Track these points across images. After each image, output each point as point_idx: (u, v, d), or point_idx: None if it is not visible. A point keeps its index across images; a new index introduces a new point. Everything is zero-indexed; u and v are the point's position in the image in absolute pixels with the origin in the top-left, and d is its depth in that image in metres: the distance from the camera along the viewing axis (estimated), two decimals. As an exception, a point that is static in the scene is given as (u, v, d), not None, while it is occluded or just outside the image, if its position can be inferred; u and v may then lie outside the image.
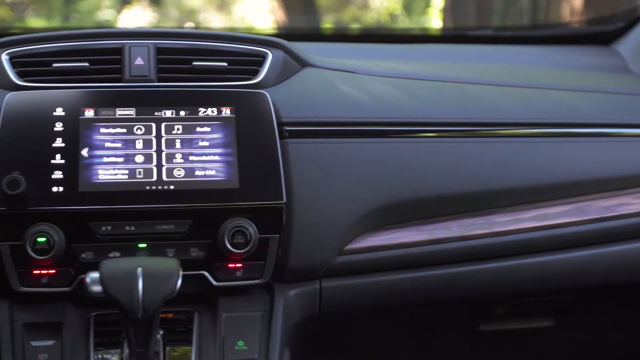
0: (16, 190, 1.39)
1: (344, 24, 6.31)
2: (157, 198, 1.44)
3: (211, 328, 1.48)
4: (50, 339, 1.43)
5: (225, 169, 1.47)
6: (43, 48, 1.60)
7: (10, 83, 1.54)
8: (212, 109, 1.52)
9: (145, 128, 1.49)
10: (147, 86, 1.57)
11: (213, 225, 1.44)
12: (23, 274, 1.42)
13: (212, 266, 1.47)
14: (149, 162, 1.47)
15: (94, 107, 1.50)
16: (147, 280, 1.28)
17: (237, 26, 6.48)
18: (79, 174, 1.44)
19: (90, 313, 1.47)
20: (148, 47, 1.60)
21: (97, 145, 1.47)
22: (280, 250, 1.49)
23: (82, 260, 1.43)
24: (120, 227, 1.43)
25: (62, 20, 6.17)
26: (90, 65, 1.58)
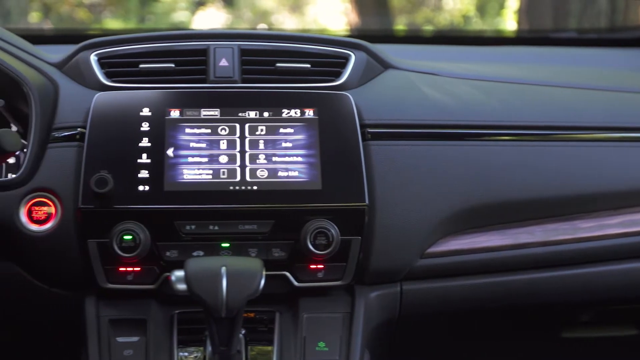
0: (104, 188, 1.42)
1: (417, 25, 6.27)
2: (241, 198, 1.45)
3: (292, 328, 1.49)
4: (135, 335, 1.46)
5: (308, 170, 1.48)
6: (130, 49, 1.63)
7: (98, 83, 1.57)
8: (295, 110, 1.53)
9: (230, 129, 1.51)
10: (231, 87, 1.58)
11: (295, 226, 1.45)
12: (109, 271, 1.45)
13: (293, 267, 1.48)
14: (233, 162, 1.48)
15: (179, 108, 1.52)
16: (231, 279, 1.29)
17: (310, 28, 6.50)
18: (164, 173, 1.46)
19: (174, 311, 1.49)
20: (232, 48, 1.62)
21: (182, 145, 1.49)
22: (362, 252, 1.48)
23: (167, 259, 1.45)
24: (204, 226, 1.45)
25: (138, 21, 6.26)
26: (175, 66, 1.60)
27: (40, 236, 1.45)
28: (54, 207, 1.46)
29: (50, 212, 1.46)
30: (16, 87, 1.52)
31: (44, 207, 1.46)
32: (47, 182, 1.47)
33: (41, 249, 1.46)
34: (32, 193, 1.46)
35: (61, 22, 6.00)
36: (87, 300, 1.48)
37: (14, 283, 1.50)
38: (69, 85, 1.58)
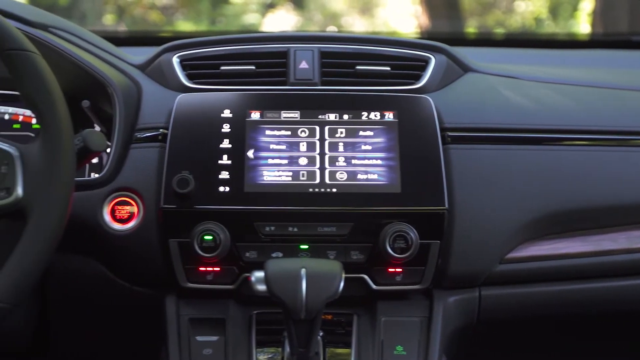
0: (185, 189, 1.43)
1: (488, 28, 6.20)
2: (320, 200, 1.46)
3: (370, 331, 1.49)
4: (214, 334, 1.47)
5: (387, 173, 1.48)
6: (212, 51, 1.65)
7: (180, 85, 1.59)
8: (375, 113, 1.53)
9: (309, 131, 1.51)
10: (311, 89, 1.59)
11: (374, 229, 1.45)
12: (189, 270, 1.47)
13: (371, 270, 1.47)
14: (312, 164, 1.49)
15: (259, 110, 1.53)
16: (311, 281, 1.29)
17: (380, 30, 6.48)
18: (244, 174, 1.47)
19: (252, 311, 1.50)
20: (312, 51, 1.62)
21: (262, 146, 1.50)
22: (441, 257, 1.48)
23: (246, 259, 1.46)
24: (284, 227, 1.46)
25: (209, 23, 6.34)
26: (256, 68, 1.61)
27: (123, 235, 1.48)
28: (136, 207, 1.49)
29: (133, 212, 1.49)
30: (101, 88, 1.55)
31: (126, 207, 1.49)
32: (130, 181, 1.49)
33: (123, 248, 1.48)
34: (115, 192, 1.49)
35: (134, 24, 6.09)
36: (168, 299, 1.50)
37: (96, 281, 1.53)
38: (151, 86, 1.61)
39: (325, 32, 1.75)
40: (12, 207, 1.23)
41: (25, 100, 1.26)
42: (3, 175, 1.24)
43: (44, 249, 1.20)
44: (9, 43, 1.25)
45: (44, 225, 1.20)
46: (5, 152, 1.25)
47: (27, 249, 1.20)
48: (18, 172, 1.24)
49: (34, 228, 1.20)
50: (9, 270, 1.18)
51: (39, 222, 1.20)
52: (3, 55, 1.26)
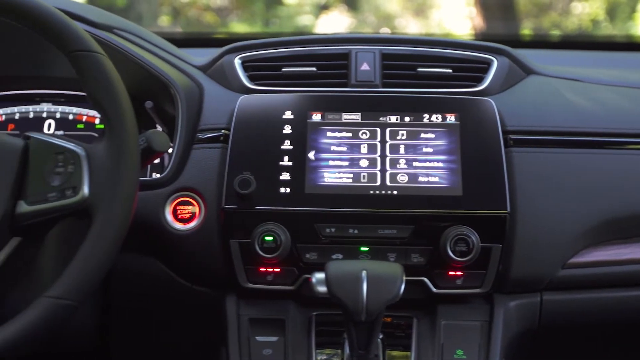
0: (247, 189, 1.44)
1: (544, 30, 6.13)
2: (381, 203, 1.45)
3: (430, 335, 1.48)
4: (274, 335, 1.48)
5: (448, 176, 1.47)
6: (273, 53, 1.66)
7: (241, 86, 1.60)
8: (436, 115, 1.52)
9: (370, 133, 1.51)
10: (373, 91, 1.59)
11: (435, 232, 1.44)
12: (250, 270, 1.48)
13: (432, 273, 1.47)
14: (373, 166, 1.48)
15: (321, 111, 1.53)
16: (372, 283, 1.29)
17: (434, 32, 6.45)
18: (305, 176, 1.47)
19: (312, 312, 1.51)
20: (374, 52, 1.62)
21: (323, 148, 1.50)
22: (502, 261, 1.46)
23: (306, 260, 1.46)
24: (344, 229, 1.46)
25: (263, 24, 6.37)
26: (317, 70, 1.62)
27: (185, 235, 1.49)
28: (197, 207, 1.50)
29: (194, 212, 1.50)
30: (163, 89, 1.57)
31: (188, 207, 1.50)
32: (192, 182, 1.51)
33: (185, 247, 1.49)
34: (177, 192, 1.50)
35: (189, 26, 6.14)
36: (228, 299, 1.51)
37: (158, 280, 1.54)
38: (213, 87, 1.62)
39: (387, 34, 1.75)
40: (78, 205, 1.25)
41: (92, 101, 1.28)
42: (70, 174, 1.26)
43: (109, 247, 1.21)
44: (76, 44, 1.27)
45: (110, 224, 1.22)
46: (72, 151, 1.27)
47: (92, 248, 1.21)
48: (84, 172, 1.26)
49: (100, 227, 1.22)
50: (75, 268, 1.20)
51: (105, 221, 1.22)
52: (70, 56, 1.27)
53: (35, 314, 1.18)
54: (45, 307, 1.18)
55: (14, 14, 1.27)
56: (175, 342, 1.69)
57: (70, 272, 1.20)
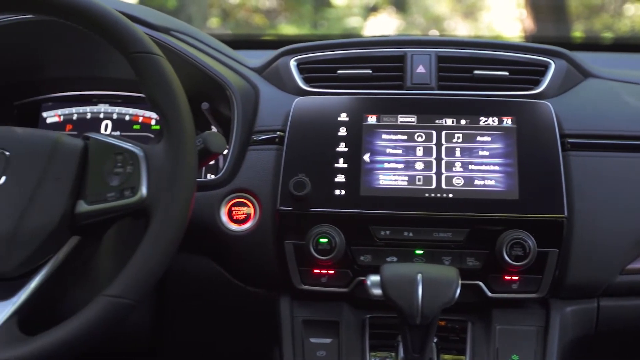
0: (302, 191, 1.45)
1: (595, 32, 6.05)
2: (436, 206, 1.45)
3: (484, 339, 1.47)
4: (328, 337, 1.48)
5: (505, 180, 1.46)
6: (328, 55, 1.66)
7: (297, 88, 1.61)
8: (493, 118, 1.51)
9: (426, 135, 1.51)
10: (428, 94, 1.58)
11: (490, 236, 1.43)
12: (304, 272, 1.48)
13: (487, 277, 1.46)
14: (429, 169, 1.48)
15: (376, 114, 1.53)
16: (427, 286, 1.29)
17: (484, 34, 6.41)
18: (360, 178, 1.47)
19: (366, 315, 1.50)
20: (430, 55, 1.62)
21: (378, 150, 1.50)
22: (559, 265, 1.44)
23: (361, 263, 1.46)
24: (399, 232, 1.45)
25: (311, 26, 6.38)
26: (372, 72, 1.62)
27: (240, 236, 1.50)
28: (252, 208, 1.51)
29: (249, 213, 1.51)
30: (220, 91, 1.58)
31: (243, 208, 1.51)
32: (247, 183, 1.51)
33: (240, 248, 1.50)
34: (232, 194, 1.51)
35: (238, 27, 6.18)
36: (282, 300, 1.51)
37: (212, 281, 1.55)
38: (268, 89, 1.63)
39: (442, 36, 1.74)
40: (137, 206, 1.26)
41: (150, 102, 1.29)
42: (128, 174, 1.27)
43: (166, 247, 1.22)
44: (135, 46, 1.28)
45: (167, 225, 1.22)
46: (131, 152, 1.28)
47: (150, 247, 1.22)
48: (142, 172, 1.27)
49: (158, 227, 1.22)
50: (133, 267, 1.21)
51: (163, 221, 1.23)
52: (130, 57, 1.29)
53: (94, 313, 1.19)
54: (104, 306, 1.19)
55: (75, 17, 1.29)
56: (229, 343, 1.69)
57: (128, 271, 1.21)
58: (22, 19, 1.59)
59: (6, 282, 1.25)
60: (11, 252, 1.24)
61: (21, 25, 1.60)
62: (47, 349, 1.18)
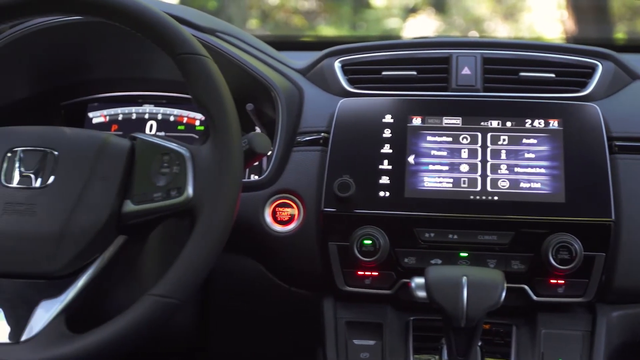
0: (346, 193, 1.45)
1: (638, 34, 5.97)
2: (481, 208, 1.44)
3: (529, 343, 1.46)
4: (371, 338, 1.48)
5: (551, 183, 1.44)
6: (373, 56, 1.66)
7: (341, 90, 1.61)
8: (539, 120, 1.50)
9: (471, 137, 1.50)
10: (473, 96, 1.57)
11: (536, 239, 1.42)
12: (348, 274, 1.48)
13: (532, 280, 1.44)
14: (474, 171, 1.47)
15: (421, 115, 1.52)
16: (472, 289, 1.28)
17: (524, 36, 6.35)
18: (405, 180, 1.47)
19: (409, 317, 1.50)
20: (475, 57, 1.61)
21: (423, 152, 1.49)
22: (605, 270, 1.43)
23: (405, 265, 1.46)
24: (444, 234, 1.45)
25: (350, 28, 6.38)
26: (417, 73, 1.61)
27: (284, 236, 1.50)
28: (296, 209, 1.51)
29: (293, 214, 1.51)
30: (264, 92, 1.58)
31: (287, 209, 1.51)
32: (291, 184, 1.52)
33: (283, 249, 1.51)
34: (276, 194, 1.52)
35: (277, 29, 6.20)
36: (326, 302, 1.51)
37: (256, 281, 1.56)
38: (312, 91, 1.63)
39: (487, 38, 1.73)
40: (183, 206, 1.27)
41: (197, 103, 1.30)
42: (175, 175, 1.28)
43: (212, 247, 1.23)
44: (182, 47, 1.29)
45: (214, 225, 1.23)
46: (177, 152, 1.29)
47: (196, 247, 1.22)
48: (189, 173, 1.27)
49: (204, 227, 1.23)
50: (179, 267, 1.22)
51: (209, 222, 1.23)
52: (177, 59, 1.29)
53: (140, 312, 1.20)
54: (150, 305, 1.20)
55: (122, 18, 1.30)
56: (272, 343, 1.70)
57: (174, 271, 1.21)
58: (70, 21, 1.61)
59: (54, 281, 1.27)
60: (59, 251, 1.25)
61: (69, 27, 1.62)
62: (94, 347, 1.19)
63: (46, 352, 1.19)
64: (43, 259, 1.25)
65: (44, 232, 1.25)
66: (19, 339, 1.22)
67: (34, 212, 1.27)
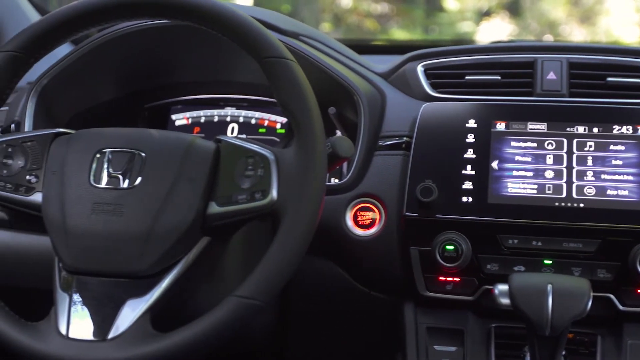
0: (429, 198, 1.44)
1: None
2: (566, 215, 1.42)
3: (615, 354, 1.43)
4: (452, 345, 1.47)
5: (639, 190, 1.41)
6: (456, 61, 1.65)
7: (424, 94, 1.60)
8: (627, 126, 1.47)
9: (556, 143, 1.48)
10: (559, 101, 1.55)
11: (623, 248, 1.39)
12: (429, 279, 1.47)
13: (619, 289, 1.42)
14: (559, 178, 1.45)
15: (505, 120, 1.51)
16: (558, 297, 1.26)
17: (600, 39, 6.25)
18: (488, 185, 1.46)
19: (491, 324, 1.49)
20: (561, 61, 1.59)
21: (507, 158, 1.48)
22: None
23: (487, 271, 1.44)
24: (527, 241, 1.43)
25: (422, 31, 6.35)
26: (501, 78, 1.59)
27: (364, 240, 1.50)
28: (377, 213, 1.51)
29: (375, 218, 1.51)
30: (347, 95, 1.58)
31: (368, 213, 1.51)
32: (373, 188, 1.52)
33: (364, 253, 1.51)
34: (358, 198, 1.52)
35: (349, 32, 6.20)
36: (406, 307, 1.51)
37: (336, 284, 1.56)
38: (395, 95, 1.63)
39: (573, 42, 1.70)
40: (267, 208, 1.27)
41: (282, 106, 1.30)
42: (259, 177, 1.28)
43: (296, 250, 1.23)
44: (269, 51, 1.29)
45: (298, 228, 1.23)
46: (262, 155, 1.30)
47: (280, 250, 1.23)
48: (273, 175, 1.28)
49: (288, 229, 1.23)
50: (263, 269, 1.22)
51: (293, 224, 1.23)
52: (262, 62, 1.30)
53: (224, 313, 1.21)
54: (235, 306, 1.21)
55: (210, 22, 1.31)
56: (351, 346, 1.70)
57: (258, 272, 1.22)
58: (156, 25, 1.64)
59: (140, 280, 1.28)
60: (146, 251, 1.27)
61: (155, 30, 1.65)
62: (179, 346, 1.20)
63: (133, 350, 1.20)
64: (130, 259, 1.27)
65: (131, 232, 1.27)
66: (106, 337, 1.24)
67: (121, 213, 1.28)
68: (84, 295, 1.27)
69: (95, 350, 1.22)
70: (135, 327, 1.24)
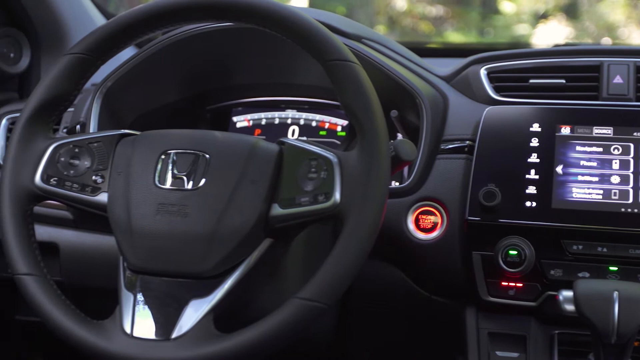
0: (492, 202, 1.43)
1: None
2: (633, 221, 1.40)
3: None
4: (514, 351, 1.46)
5: None
6: (520, 64, 1.63)
7: (487, 97, 1.59)
8: None
9: (623, 148, 1.45)
10: (626, 105, 1.53)
11: None
12: (491, 284, 1.46)
13: None
14: (625, 183, 1.43)
15: (570, 125, 1.49)
16: (624, 305, 1.25)
17: (660, 42, 6.13)
18: (552, 190, 1.44)
19: (554, 330, 1.47)
20: (628, 65, 1.56)
21: (572, 163, 1.46)
22: None
23: (550, 277, 1.43)
24: (592, 247, 1.41)
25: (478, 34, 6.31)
26: (566, 82, 1.57)
27: (426, 244, 1.49)
28: (439, 217, 1.50)
29: (436, 222, 1.50)
30: (409, 98, 1.58)
31: (430, 216, 1.50)
32: (435, 192, 1.51)
33: (426, 257, 1.50)
34: (420, 202, 1.51)
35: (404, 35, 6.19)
36: (468, 311, 1.50)
37: (396, 288, 1.56)
38: (457, 98, 1.62)
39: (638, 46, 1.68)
40: (329, 211, 1.27)
41: (346, 109, 1.30)
42: (322, 180, 1.28)
43: (359, 253, 1.23)
44: (333, 54, 1.29)
45: (360, 230, 1.23)
46: (325, 158, 1.30)
47: (343, 252, 1.22)
48: (336, 178, 1.28)
49: (351, 232, 1.23)
50: (327, 271, 1.22)
51: (356, 227, 1.23)
52: (327, 65, 1.30)
53: (287, 314, 1.21)
54: (297, 308, 1.21)
55: (275, 25, 1.32)
56: (410, 350, 1.69)
57: (321, 275, 1.22)
58: (220, 27, 1.65)
59: (203, 281, 1.29)
60: (210, 252, 1.28)
61: (218, 33, 1.66)
62: (242, 347, 1.21)
63: (197, 350, 1.21)
64: (194, 259, 1.28)
65: (195, 233, 1.28)
66: (169, 337, 1.25)
67: (186, 214, 1.29)
68: (148, 295, 1.28)
69: (159, 349, 1.23)
70: (198, 328, 1.25)
